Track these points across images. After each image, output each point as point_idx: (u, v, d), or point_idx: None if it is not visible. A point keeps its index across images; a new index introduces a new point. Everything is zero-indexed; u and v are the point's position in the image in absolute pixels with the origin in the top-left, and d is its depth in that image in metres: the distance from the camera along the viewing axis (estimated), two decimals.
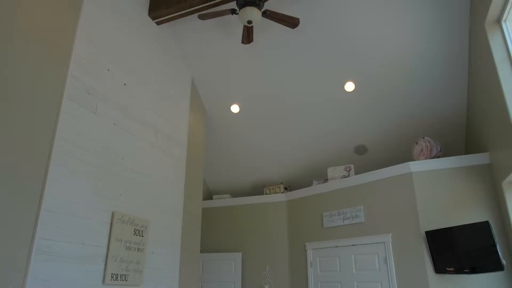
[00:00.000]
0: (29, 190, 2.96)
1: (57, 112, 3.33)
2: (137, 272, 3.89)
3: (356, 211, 5.08)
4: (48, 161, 3.16)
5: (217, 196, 6.61)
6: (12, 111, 2.90)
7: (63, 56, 3.49)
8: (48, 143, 3.20)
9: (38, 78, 3.19)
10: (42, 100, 3.20)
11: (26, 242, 2.87)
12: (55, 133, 3.27)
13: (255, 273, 5.91)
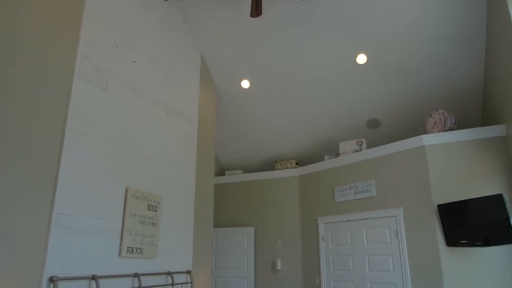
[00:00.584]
0: (45, 168, 3.05)
1: (68, 91, 3.37)
2: (152, 246, 4.02)
3: (368, 185, 5.08)
4: (62, 139, 3.23)
5: (229, 172, 6.68)
6: (24, 92, 2.96)
7: (72, 35, 3.50)
8: (61, 122, 3.26)
9: (48, 57, 3.22)
10: (53, 79, 3.24)
11: (44, 217, 2.98)
12: (68, 111, 3.32)
13: (268, 247, 6.02)
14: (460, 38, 4.47)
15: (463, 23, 4.33)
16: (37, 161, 2.98)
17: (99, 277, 3.30)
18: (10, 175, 2.75)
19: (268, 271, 5.91)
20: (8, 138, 2.78)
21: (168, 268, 4.26)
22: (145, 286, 3.80)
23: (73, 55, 3.47)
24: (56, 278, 2.91)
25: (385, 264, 4.73)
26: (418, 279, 4.37)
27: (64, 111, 3.30)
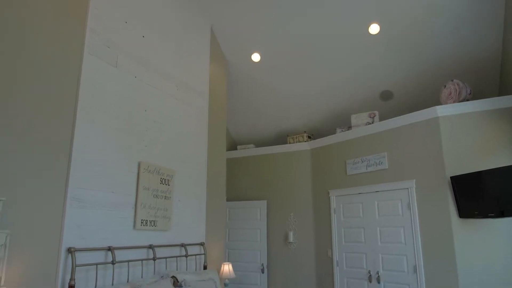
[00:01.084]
0: (60, 143, 3.12)
1: (79, 68, 3.40)
2: (165, 219, 4.12)
3: (380, 158, 5.04)
4: (74, 115, 3.28)
5: (241, 147, 6.71)
6: (36, 70, 2.99)
7: (80, 10, 3.49)
8: (73, 98, 3.30)
9: (59, 34, 3.23)
10: (64, 56, 3.26)
11: (60, 191, 3.07)
12: (79, 88, 3.36)
13: (280, 220, 6.11)
14: (477, 3, 4.27)
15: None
16: (52, 137, 3.05)
17: (115, 248, 3.42)
18: (27, 150, 2.83)
19: (280, 243, 6.02)
20: (23, 115, 2.84)
21: (182, 240, 4.38)
22: (159, 257, 3.93)
23: (83, 31, 3.47)
24: (74, 249, 3.03)
25: (397, 236, 4.75)
26: (430, 250, 4.39)
27: (75, 87, 3.34)
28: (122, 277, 3.49)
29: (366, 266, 5.04)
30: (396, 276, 4.69)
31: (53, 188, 3.01)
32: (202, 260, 4.64)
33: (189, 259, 4.42)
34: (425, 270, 4.40)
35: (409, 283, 4.54)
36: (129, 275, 3.54)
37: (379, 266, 4.88)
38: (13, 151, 2.75)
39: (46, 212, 2.93)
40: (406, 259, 4.61)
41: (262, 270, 5.96)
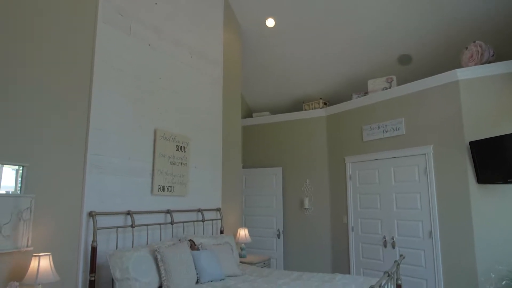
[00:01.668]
0: (78, 112, 3.18)
1: (93, 37, 3.40)
2: (182, 185, 4.21)
3: (397, 124, 4.95)
4: (90, 83, 3.32)
5: (257, 114, 6.69)
6: (52, 40, 3.00)
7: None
8: (89, 67, 3.33)
9: (72, 3, 3.21)
10: (78, 25, 3.25)
11: (80, 157, 3.16)
12: (94, 57, 3.38)
13: (296, 186, 6.16)
14: None
15: None
16: (70, 105, 3.11)
17: (134, 213, 3.54)
18: (47, 120, 2.90)
19: (296, 209, 6.10)
20: (42, 86, 2.89)
21: (199, 206, 4.49)
22: (177, 221, 4.05)
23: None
24: (95, 213, 3.15)
25: (413, 202, 4.74)
26: (446, 216, 4.37)
27: (90, 56, 3.36)
28: (141, 240, 3.64)
29: (382, 231, 5.08)
30: (411, 241, 4.71)
31: (73, 155, 3.11)
32: (218, 225, 4.77)
33: (206, 224, 4.54)
34: (441, 236, 4.40)
35: (424, 248, 4.56)
36: (148, 238, 3.68)
37: (395, 231, 4.91)
38: (34, 120, 2.83)
39: (67, 177, 3.04)
40: (422, 225, 4.62)
41: (278, 236, 6.09)
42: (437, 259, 4.40)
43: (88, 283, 3.04)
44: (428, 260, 4.50)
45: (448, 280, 4.29)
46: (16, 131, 2.71)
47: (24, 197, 2.69)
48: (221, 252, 3.82)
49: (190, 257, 3.43)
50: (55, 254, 2.82)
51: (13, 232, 2.60)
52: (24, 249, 2.66)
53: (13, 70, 2.73)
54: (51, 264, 2.60)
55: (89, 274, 3.05)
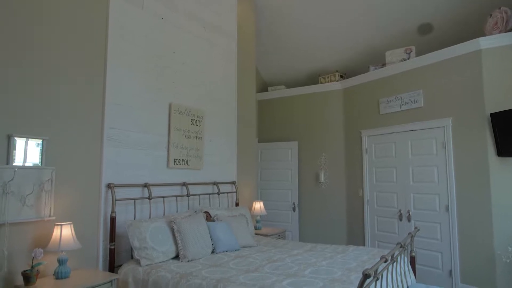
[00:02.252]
0: (94, 86, 3.22)
1: (107, 10, 3.39)
2: (197, 158, 4.27)
3: (415, 96, 4.83)
4: (105, 58, 3.34)
5: (272, 88, 6.64)
6: (67, 17, 3.01)
7: None
8: (103, 42, 3.34)
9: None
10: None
11: (97, 131, 3.23)
12: (108, 31, 3.38)
13: (311, 160, 6.15)
14: None
15: None
16: (85, 79, 3.15)
17: (150, 185, 3.63)
18: (65, 94, 2.95)
19: (311, 183, 6.12)
20: (59, 62, 2.92)
21: (214, 179, 4.56)
22: (193, 194, 4.14)
23: None
24: (113, 185, 3.25)
25: (430, 175, 4.68)
26: (464, 189, 4.31)
27: (104, 31, 3.37)
28: (158, 211, 3.74)
29: (397, 205, 5.06)
30: (427, 214, 4.69)
31: (90, 128, 3.17)
32: (234, 198, 4.85)
33: (221, 197, 4.62)
34: (458, 209, 4.36)
35: (440, 222, 4.54)
36: (164, 210, 3.78)
37: (410, 205, 4.88)
38: (52, 96, 2.88)
39: (85, 151, 3.12)
40: (439, 198, 4.57)
41: (293, 209, 6.15)
42: (453, 232, 4.37)
43: (108, 251, 3.17)
44: (444, 233, 4.48)
45: (463, 253, 4.28)
46: (35, 106, 2.78)
47: (45, 169, 2.79)
48: (236, 224, 3.89)
49: (206, 228, 3.51)
50: (76, 223, 2.93)
51: (36, 202, 2.72)
52: (47, 219, 2.78)
53: (30, 48, 2.76)
54: (72, 232, 2.72)
55: (109, 243, 3.17)
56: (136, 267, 2.98)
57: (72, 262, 2.89)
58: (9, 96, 2.63)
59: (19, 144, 2.67)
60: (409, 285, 3.20)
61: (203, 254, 3.30)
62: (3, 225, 2.52)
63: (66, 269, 2.65)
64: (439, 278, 4.48)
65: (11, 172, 2.57)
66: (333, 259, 3.15)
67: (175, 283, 2.67)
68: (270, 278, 2.57)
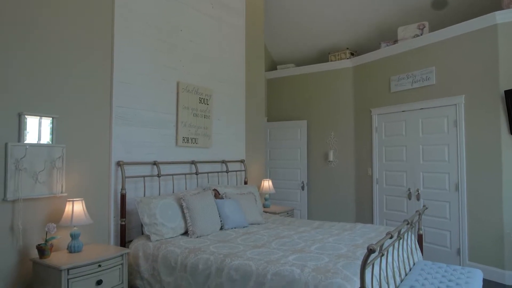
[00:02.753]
0: (102, 66, 3.23)
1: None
2: (206, 137, 4.29)
3: (427, 73, 4.72)
4: (112, 36, 3.33)
5: (281, 66, 6.56)
6: None
7: None
8: (110, 20, 3.32)
9: None
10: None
11: (106, 109, 3.26)
12: (114, 10, 3.36)
13: (320, 139, 6.13)
14: None
15: None
16: (94, 59, 3.15)
17: (159, 163, 3.67)
18: (73, 74, 2.97)
19: (320, 162, 6.11)
20: (65, 40, 2.92)
21: (223, 157, 4.59)
22: (201, 172, 4.18)
23: None
24: (122, 163, 3.29)
25: (441, 154, 4.62)
26: (474, 168, 4.26)
27: (111, 9, 3.34)
28: (167, 189, 3.79)
29: (406, 184, 5.04)
30: (436, 193, 4.66)
31: (99, 107, 3.20)
32: (242, 176, 4.88)
33: (230, 175, 4.66)
34: (468, 188, 4.32)
35: (449, 201, 4.52)
36: (173, 187, 3.83)
37: (420, 184, 4.86)
38: (61, 75, 2.90)
39: (95, 129, 3.16)
40: (449, 177, 4.54)
41: (302, 188, 6.18)
42: (463, 211, 4.35)
43: (119, 227, 3.25)
44: (453, 212, 4.47)
45: (472, 231, 4.27)
46: (45, 85, 2.80)
47: (55, 147, 2.84)
48: (245, 201, 3.93)
49: (214, 205, 3.56)
50: (87, 200, 3.00)
51: (48, 179, 2.78)
52: (59, 195, 2.85)
53: (38, 28, 2.77)
54: (84, 208, 2.78)
55: (119, 219, 3.24)
56: (146, 242, 3.06)
57: (85, 237, 2.98)
58: (19, 76, 2.66)
59: (30, 122, 2.71)
60: (415, 262, 3.22)
61: (212, 231, 3.35)
62: (17, 200, 2.60)
63: (79, 243, 2.73)
64: (447, 256, 4.49)
65: (22, 150, 2.63)
66: (340, 236, 3.18)
67: (184, 258, 2.74)
68: (276, 254, 2.61)
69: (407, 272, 2.91)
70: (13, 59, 2.63)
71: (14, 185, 2.58)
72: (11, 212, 2.58)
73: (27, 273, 2.66)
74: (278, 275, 2.27)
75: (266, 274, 2.31)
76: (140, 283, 2.97)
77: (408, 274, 2.85)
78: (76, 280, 2.45)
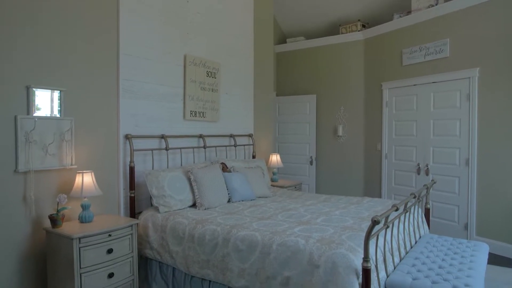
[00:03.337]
0: (108, 37, 3.20)
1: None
2: (214, 110, 4.28)
3: (441, 45, 4.59)
4: (117, 9, 3.28)
5: (291, 40, 6.44)
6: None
7: None
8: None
9: None
10: None
11: (112, 82, 3.25)
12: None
13: (330, 114, 6.07)
14: None
15: None
16: (100, 31, 3.12)
17: (167, 137, 3.69)
18: (80, 47, 2.96)
19: (329, 137, 6.08)
20: (71, 12, 2.89)
21: (231, 131, 4.59)
22: (209, 145, 4.19)
23: None
24: (130, 136, 3.32)
25: (452, 129, 4.55)
26: (486, 143, 4.19)
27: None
28: (175, 162, 3.83)
29: (416, 159, 5.00)
30: (446, 168, 4.62)
31: (106, 80, 3.20)
32: (250, 151, 4.89)
33: (238, 149, 4.67)
34: (478, 163, 4.27)
35: (459, 176, 4.48)
36: (182, 161, 3.87)
37: (430, 159, 4.81)
38: (67, 48, 2.89)
39: (102, 102, 3.17)
40: (459, 152, 4.48)
41: (310, 162, 6.18)
42: (472, 186, 4.32)
43: (129, 199, 3.31)
44: (462, 187, 4.44)
45: (481, 206, 4.25)
46: (52, 58, 2.80)
47: (64, 119, 2.86)
48: (252, 175, 3.96)
49: (222, 178, 3.59)
50: (97, 173, 3.05)
51: (58, 152, 2.82)
52: (69, 167, 2.90)
53: (45, 1, 2.75)
54: (93, 180, 2.83)
55: (129, 191, 3.30)
56: (155, 214, 3.12)
57: (96, 208, 3.05)
58: (27, 49, 2.65)
59: (38, 95, 2.73)
60: (421, 235, 3.23)
61: (219, 203, 3.40)
62: (29, 172, 2.65)
63: (89, 214, 2.80)
64: (454, 231, 4.50)
65: (31, 122, 2.66)
66: (347, 209, 3.19)
67: (191, 228, 2.79)
68: (282, 225, 2.64)
69: (412, 244, 2.93)
70: (21, 33, 2.62)
71: (25, 157, 2.63)
72: (23, 183, 2.64)
73: (40, 242, 2.75)
74: (283, 245, 2.30)
75: (271, 245, 2.35)
76: (150, 253, 3.05)
77: (413, 247, 2.87)
78: (88, 248, 2.53)
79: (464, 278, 2.22)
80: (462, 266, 2.43)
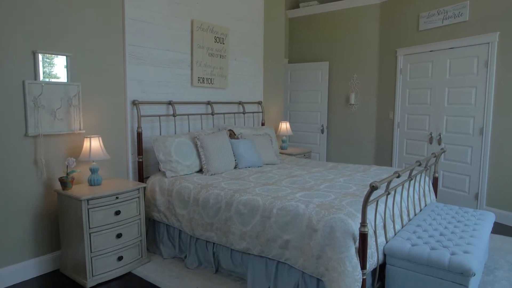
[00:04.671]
0: (113, 2, 3.16)
1: None
2: (222, 77, 4.24)
3: (460, 8, 4.36)
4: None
5: (304, 4, 6.23)
6: None
7: None
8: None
9: None
10: None
11: (118, 48, 3.24)
12: None
13: (342, 82, 5.94)
14: None
15: None
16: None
17: (175, 103, 3.70)
18: (84, 11, 2.93)
19: (341, 105, 5.98)
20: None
21: (239, 98, 4.56)
22: (217, 112, 4.19)
23: None
24: (138, 102, 3.34)
25: (467, 97, 4.40)
26: (502, 112, 4.05)
27: None
28: (183, 128, 3.86)
29: (429, 128, 4.89)
30: (459, 138, 4.52)
31: (112, 45, 3.19)
32: (260, 118, 4.88)
33: (247, 116, 4.66)
34: (492, 133, 4.15)
35: (472, 145, 4.38)
36: (189, 127, 3.89)
37: (443, 128, 4.71)
38: (73, 12, 2.87)
39: (109, 67, 3.18)
40: (473, 121, 4.36)
41: (321, 131, 6.14)
42: (485, 156, 4.23)
43: (137, 164, 3.38)
44: (475, 157, 4.35)
45: (492, 177, 4.17)
46: (58, 23, 2.80)
47: (71, 85, 2.90)
48: (260, 142, 3.96)
49: (229, 144, 3.61)
50: (105, 138, 3.11)
51: (66, 116, 2.88)
52: (77, 132, 2.96)
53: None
54: (101, 144, 2.89)
55: (137, 156, 3.37)
56: (162, 178, 3.19)
57: (105, 173, 3.13)
58: (33, 15, 2.65)
59: (44, 60, 2.75)
60: (427, 204, 3.22)
61: (226, 169, 3.44)
62: (38, 136, 2.73)
63: (98, 177, 2.88)
64: (465, 201, 4.46)
65: (39, 87, 2.70)
66: (352, 177, 3.18)
67: (196, 193, 2.85)
68: (285, 191, 2.67)
69: (417, 213, 2.93)
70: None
71: (34, 121, 2.69)
72: (33, 146, 2.72)
73: (52, 203, 2.86)
74: (284, 209, 2.33)
75: (272, 209, 2.38)
76: (157, 215, 3.15)
77: (417, 214, 2.87)
78: (96, 210, 2.62)
79: (464, 246, 2.22)
80: (464, 234, 2.43)
